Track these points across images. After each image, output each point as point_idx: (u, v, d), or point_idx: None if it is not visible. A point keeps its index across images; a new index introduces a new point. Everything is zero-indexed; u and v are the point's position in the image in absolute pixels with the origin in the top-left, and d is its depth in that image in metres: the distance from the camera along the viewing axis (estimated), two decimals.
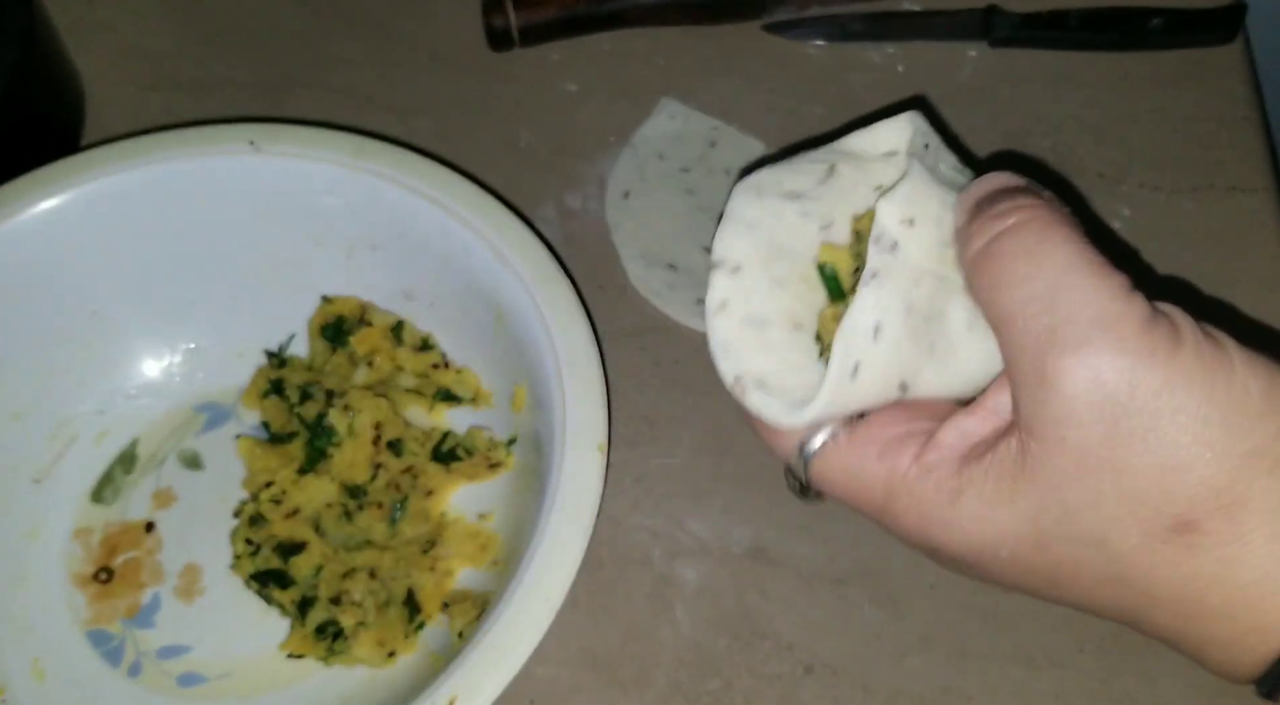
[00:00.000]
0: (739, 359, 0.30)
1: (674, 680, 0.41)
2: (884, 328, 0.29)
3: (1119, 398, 0.25)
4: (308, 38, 0.57)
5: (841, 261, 0.32)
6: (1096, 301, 0.26)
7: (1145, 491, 0.25)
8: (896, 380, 0.29)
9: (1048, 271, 0.26)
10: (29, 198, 0.43)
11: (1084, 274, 0.26)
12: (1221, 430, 0.25)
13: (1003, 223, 0.27)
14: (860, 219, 0.32)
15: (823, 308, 0.31)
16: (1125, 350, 0.25)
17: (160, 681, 0.42)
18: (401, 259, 0.45)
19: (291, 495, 0.43)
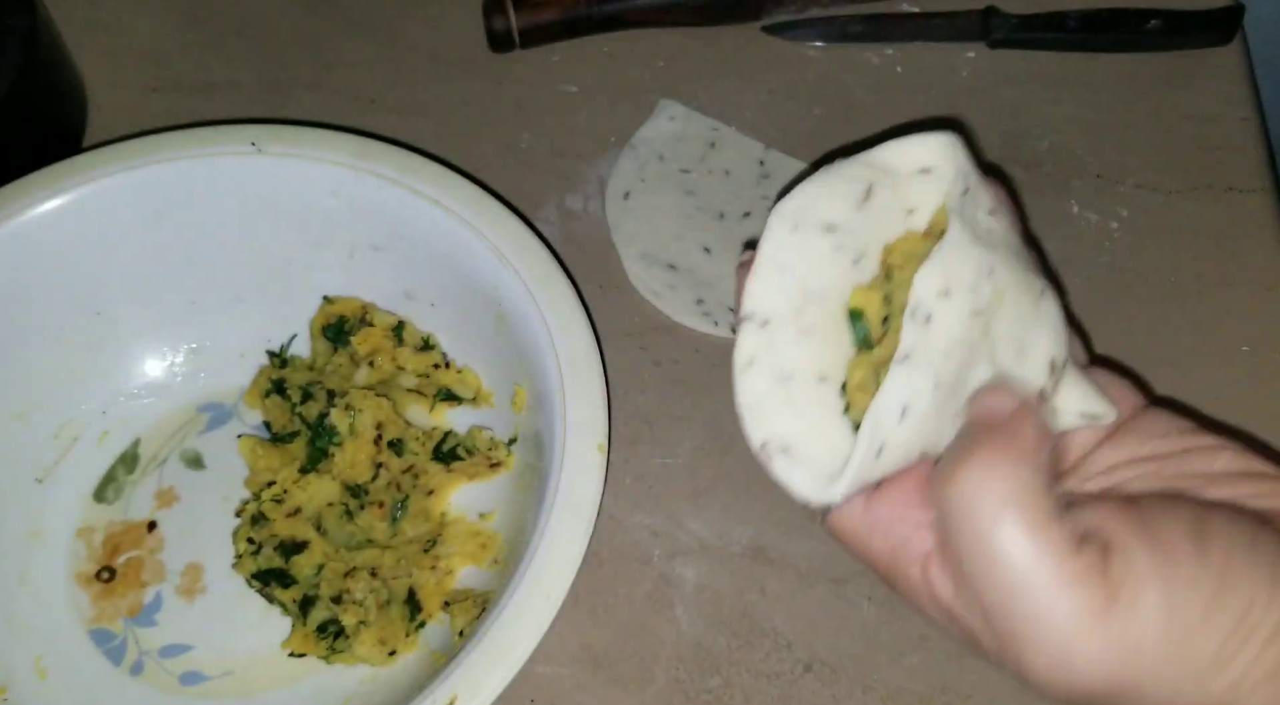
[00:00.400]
0: (766, 421, 0.30)
1: (674, 678, 0.41)
2: (911, 408, 0.29)
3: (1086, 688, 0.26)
4: (310, 39, 0.57)
5: (872, 306, 0.31)
6: (1048, 601, 0.26)
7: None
8: (918, 451, 0.30)
9: (1002, 568, 0.26)
10: (32, 198, 0.43)
11: (1036, 571, 0.26)
12: (1192, 684, 0.25)
13: (979, 479, 0.27)
14: (891, 250, 0.32)
15: (850, 356, 0.31)
16: (1070, 635, 0.26)
17: (162, 680, 0.42)
18: (403, 259, 0.45)
19: (293, 494, 0.43)
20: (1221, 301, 0.49)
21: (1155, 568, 0.26)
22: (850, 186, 0.31)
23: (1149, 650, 0.25)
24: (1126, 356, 0.48)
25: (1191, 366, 0.47)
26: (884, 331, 0.31)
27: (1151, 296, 0.49)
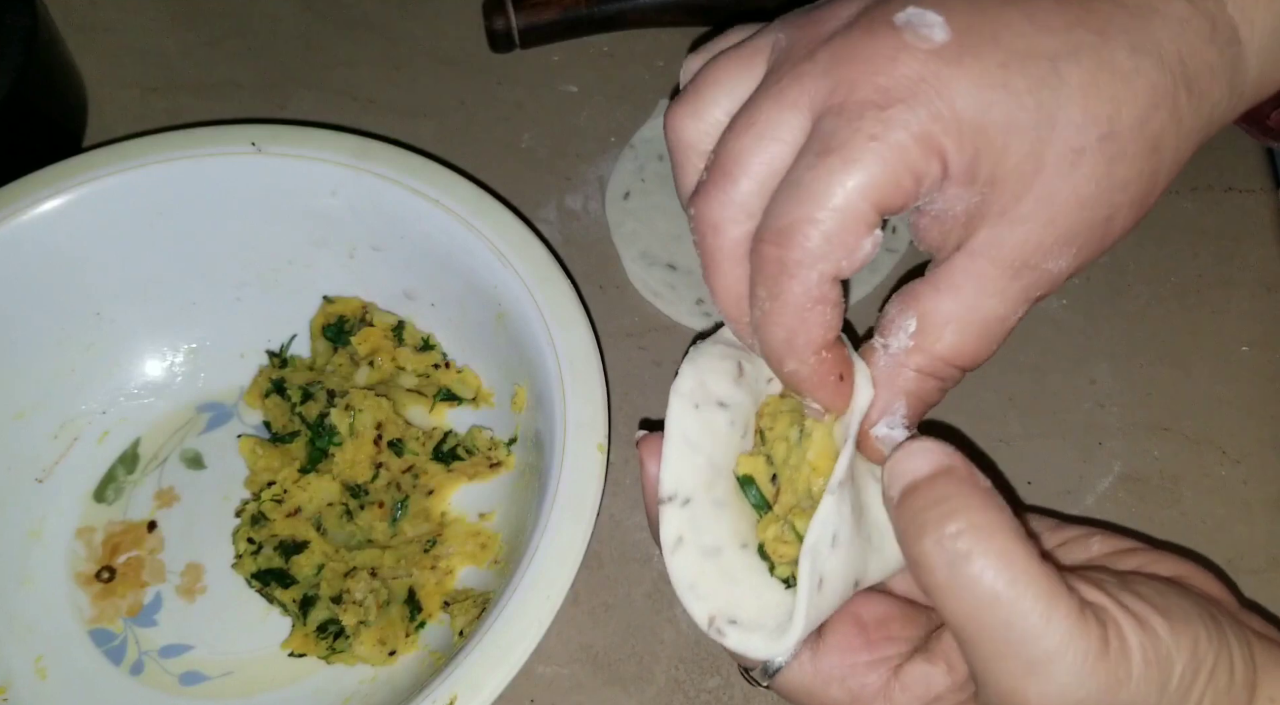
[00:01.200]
0: (706, 598, 0.31)
1: (674, 678, 0.41)
2: (839, 535, 0.30)
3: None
4: (310, 39, 0.57)
5: (758, 469, 0.33)
6: (1041, 621, 0.26)
7: None
8: (852, 580, 0.31)
9: (992, 590, 0.27)
10: (32, 198, 0.43)
11: (1024, 591, 0.27)
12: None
13: (944, 527, 0.27)
14: (760, 413, 0.33)
15: (756, 520, 0.33)
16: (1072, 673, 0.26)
17: (162, 680, 0.42)
18: (403, 259, 0.45)
19: (293, 494, 0.43)
20: (1221, 301, 0.49)
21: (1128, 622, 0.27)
22: (724, 364, 0.33)
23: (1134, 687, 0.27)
24: (1127, 356, 0.48)
25: (1191, 366, 0.47)
26: (775, 488, 0.33)
27: (1151, 296, 0.49)
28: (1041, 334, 0.48)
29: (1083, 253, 0.29)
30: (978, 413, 0.46)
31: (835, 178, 0.27)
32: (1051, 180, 0.28)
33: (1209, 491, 0.45)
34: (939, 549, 0.27)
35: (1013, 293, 0.29)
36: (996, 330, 0.29)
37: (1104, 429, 0.46)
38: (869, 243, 0.28)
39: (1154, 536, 0.44)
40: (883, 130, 0.27)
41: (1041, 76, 0.27)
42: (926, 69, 0.27)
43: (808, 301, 0.29)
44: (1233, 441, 0.46)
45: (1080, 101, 0.28)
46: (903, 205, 0.28)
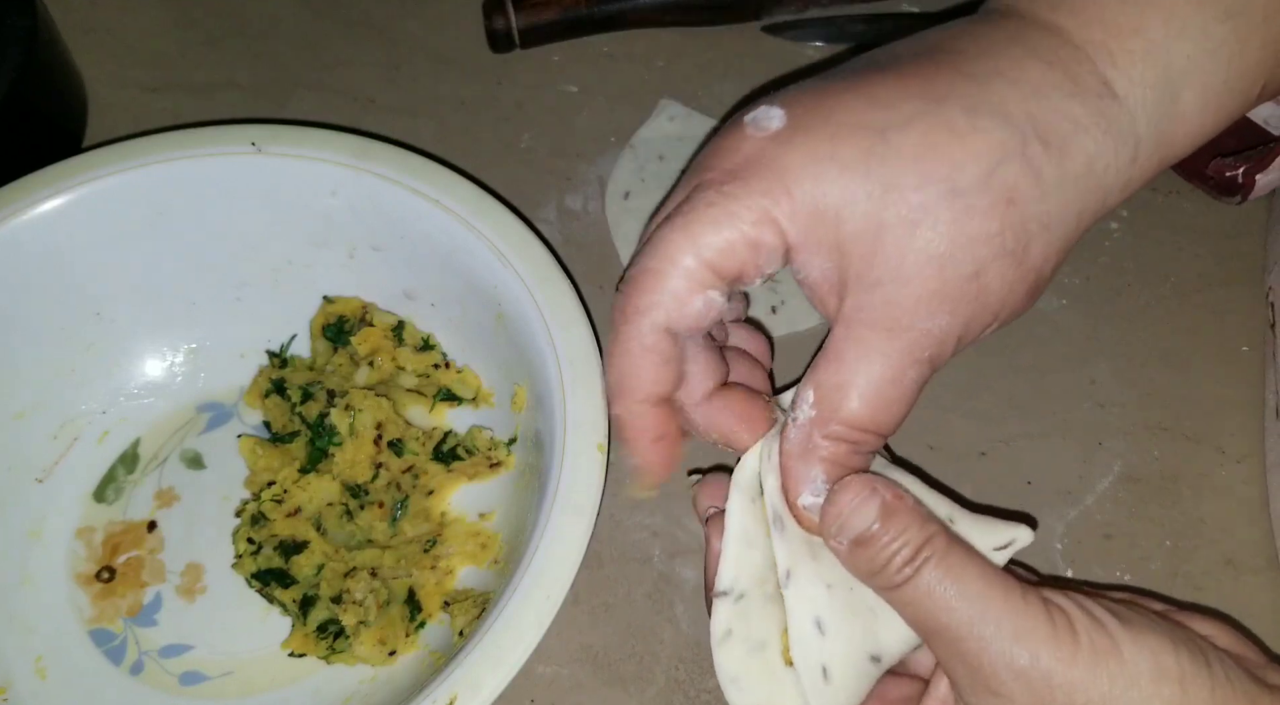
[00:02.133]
0: (747, 691, 0.32)
1: (674, 678, 0.41)
2: (824, 619, 0.31)
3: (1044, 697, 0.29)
4: (309, 39, 0.57)
5: None
6: (1012, 620, 0.29)
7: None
8: (866, 656, 0.31)
9: (964, 602, 0.29)
10: (32, 198, 0.43)
11: (994, 596, 0.29)
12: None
13: (913, 563, 0.30)
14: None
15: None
16: (1039, 658, 0.29)
17: (162, 680, 0.42)
18: (403, 259, 0.45)
19: (293, 494, 0.43)
20: (1221, 301, 0.49)
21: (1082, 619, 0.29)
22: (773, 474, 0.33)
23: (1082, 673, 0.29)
24: (1127, 356, 0.48)
25: (1191, 366, 0.47)
26: None
27: (1151, 296, 0.49)
28: (1041, 334, 0.48)
29: (960, 310, 0.30)
30: (978, 413, 0.46)
31: (672, 236, 0.30)
32: (897, 242, 0.29)
33: (1209, 491, 0.45)
34: (917, 583, 0.29)
35: (895, 355, 0.30)
36: (891, 392, 0.30)
37: (1104, 429, 0.46)
38: (700, 301, 0.30)
39: (1154, 537, 0.44)
40: (719, 199, 0.30)
41: (869, 146, 0.29)
42: (763, 151, 0.30)
43: (638, 348, 0.31)
44: (1233, 441, 0.46)
45: (913, 165, 0.29)
46: (741, 271, 0.30)
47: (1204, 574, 0.43)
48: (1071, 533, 0.44)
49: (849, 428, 0.30)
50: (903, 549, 0.29)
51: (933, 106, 0.29)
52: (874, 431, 0.31)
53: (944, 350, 0.30)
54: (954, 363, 0.47)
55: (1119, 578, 0.43)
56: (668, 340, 0.31)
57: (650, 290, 0.31)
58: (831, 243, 0.30)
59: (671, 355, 0.31)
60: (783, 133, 0.30)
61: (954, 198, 0.29)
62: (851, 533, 0.30)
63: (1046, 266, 0.31)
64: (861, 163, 0.29)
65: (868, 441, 0.31)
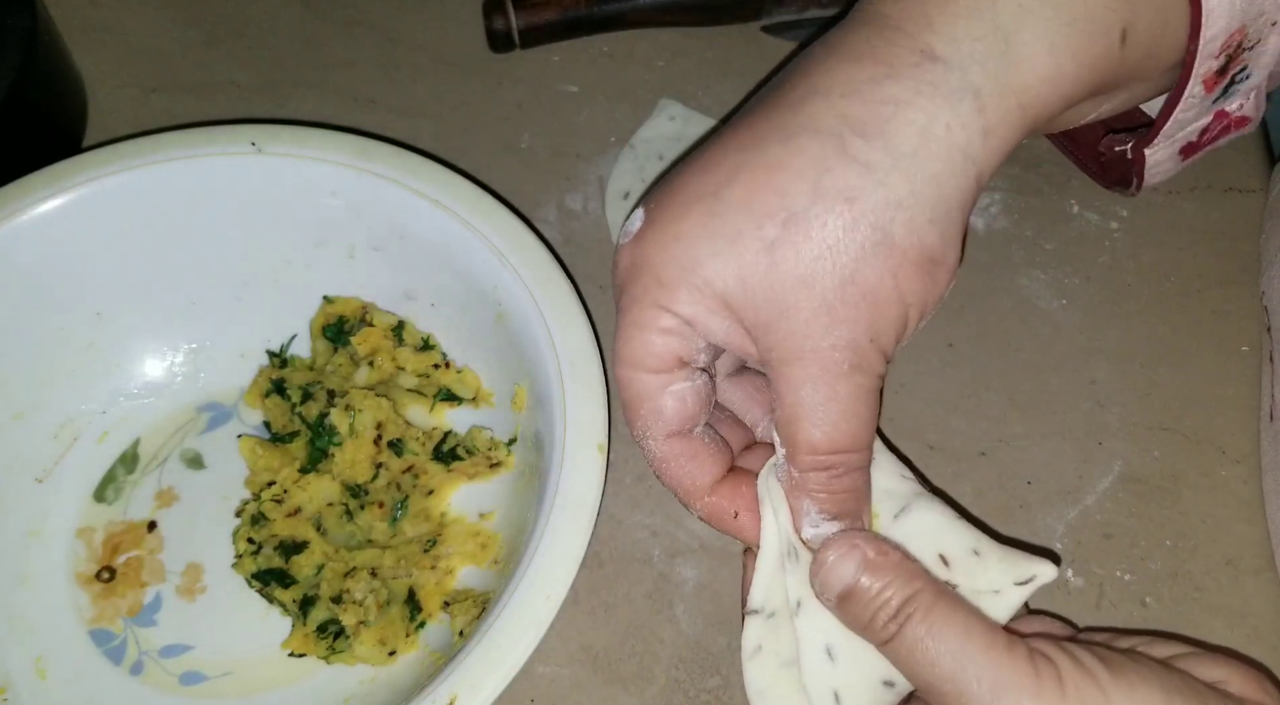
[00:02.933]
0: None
1: (674, 678, 0.41)
2: (834, 646, 0.32)
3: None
4: (309, 39, 0.57)
5: None
6: (993, 673, 0.29)
7: None
8: (879, 684, 0.32)
9: (946, 657, 0.30)
10: (32, 198, 0.43)
11: (976, 650, 0.30)
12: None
13: (896, 619, 0.30)
14: None
15: None
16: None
17: (162, 680, 0.42)
18: (403, 259, 0.45)
19: (293, 494, 0.43)
20: (1221, 301, 0.49)
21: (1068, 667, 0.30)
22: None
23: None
24: (1127, 356, 0.48)
25: (1191, 366, 0.47)
26: None
27: (1151, 296, 0.49)
28: (1041, 334, 0.48)
29: (854, 316, 0.30)
30: (978, 413, 0.46)
31: (618, 370, 0.33)
32: (762, 281, 0.30)
33: (1209, 491, 0.45)
34: (902, 638, 0.30)
35: (815, 379, 0.31)
36: (832, 411, 0.31)
37: (1104, 429, 0.46)
38: (669, 400, 0.33)
39: (1154, 537, 0.44)
40: (622, 316, 0.33)
41: (707, 210, 0.31)
42: (633, 255, 0.32)
43: (661, 461, 0.34)
44: (1233, 441, 0.46)
45: (747, 210, 0.31)
46: (678, 357, 0.32)
47: (1204, 574, 0.43)
48: (1071, 533, 0.44)
49: (812, 455, 0.31)
50: (886, 604, 0.30)
51: (752, 153, 0.31)
52: (838, 451, 0.31)
53: (864, 357, 0.31)
54: (954, 362, 0.47)
55: (1119, 578, 0.43)
56: (679, 443, 0.34)
57: (635, 418, 0.34)
58: (715, 306, 0.31)
59: (694, 449, 0.34)
60: (642, 231, 0.32)
61: (793, 221, 0.30)
62: (834, 588, 0.31)
63: (929, 240, 0.31)
64: (705, 228, 0.31)
65: (840, 461, 0.32)
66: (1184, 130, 0.36)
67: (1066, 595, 0.42)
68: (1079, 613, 0.42)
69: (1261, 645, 0.41)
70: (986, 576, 0.32)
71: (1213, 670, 0.31)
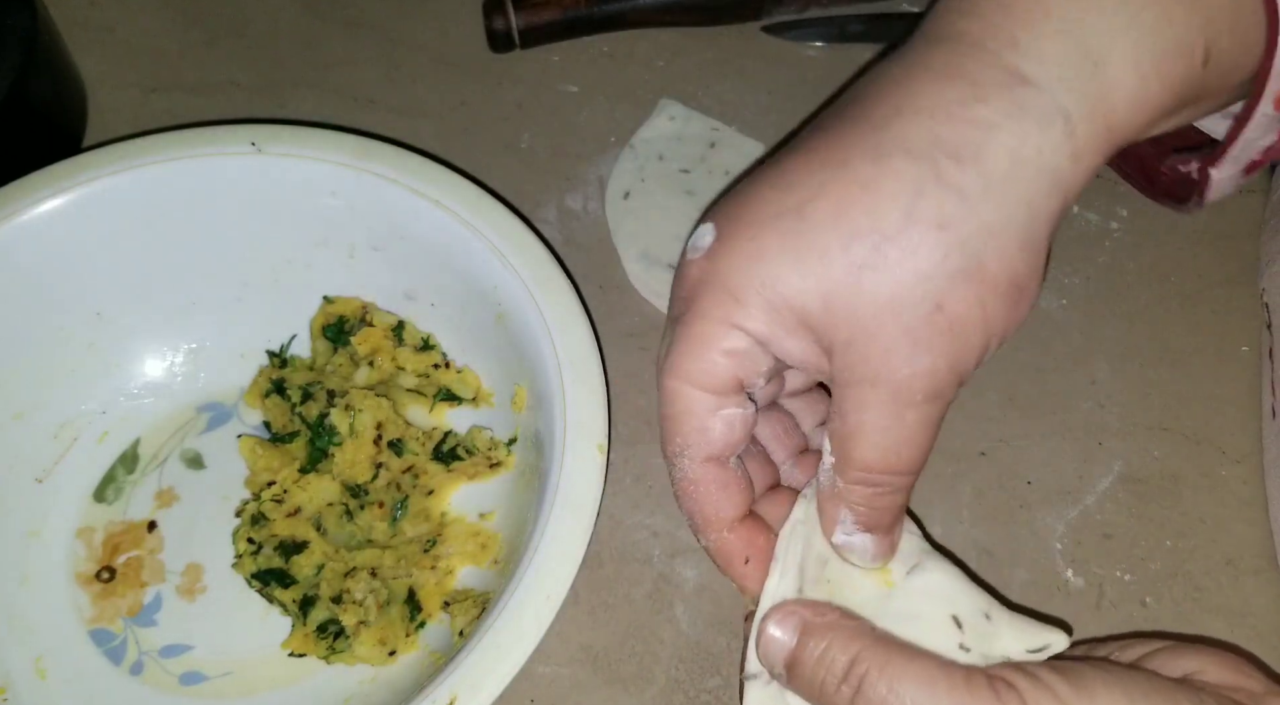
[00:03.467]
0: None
1: (674, 678, 0.41)
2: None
3: None
4: (309, 39, 0.57)
5: None
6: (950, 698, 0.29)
7: None
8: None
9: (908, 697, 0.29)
10: (32, 198, 0.43)
11: (942, 696, 0.29)
12: None
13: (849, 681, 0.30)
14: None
15: None
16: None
17: (162, 680, 0.42)
18: (403, 259, 0.45)
19: (293, 494, 0.43)
20: (1221, 301, 0.49)
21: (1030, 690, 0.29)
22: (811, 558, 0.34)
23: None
24: (1127, 356, 0.48)
25: (1191, 366, 0.47)
26: None
27: (1151, 296, 0.49)
28: (1041, 334, 0.48)
29: (937, 345, 0.30)
30: (978, 413, 0.46)
31: (669, 383, 0.32)
32: (848, 302, 0.30)
33: (1209, 491, 0.45)
34: (865, 699, 0.30)
35: (886, 403, 0.31)
36: (894, 437, 0.31)
37: (1104, 429, 0.46)
38: (719, 424, 0.32)
39: (1154, 537, 0.44)
40: (684, 331, 0.32)
41: (788, 228, 0.30)
42: (704, 272, 0.32)
43: (691, 486, 0.33)
44: (1233, 441, 0.46)
45: (834, 229, 0.30)
46: (738, 381, 0.32)
47: (1204, 574, 0.43)
48: (1071, 533, 0.44)
49: (864, 472, 0.31)
50: (832, 665, 0.30)
51: (838, 169, 0.30)
52: (889, 472, 0.31)
53: (939, 384, 0.30)
54: None
55: (1119, 578, 0.43)
56: (713, 468, 0.33)
57: (675, 434, 0.33)
58: (793, 325, 0.31)
59: (725, 479, 0.33)
60: (714, 248, 0.32)
61: (884, 245, 0.30)
62: (779, 659, 0.31)
63: (1018, 267, 0.30)
64: (787, 245, 0.30)
65: (888, 482, 0.32)
66: (1249, 149, 0.36)
67: (1066, 596, 0.42)
68: (1079, 613, 0.42)
69: (1262, 645, 0.41)
70: (1000, 643, 0.32)
71: (1187, 662, 0.31)
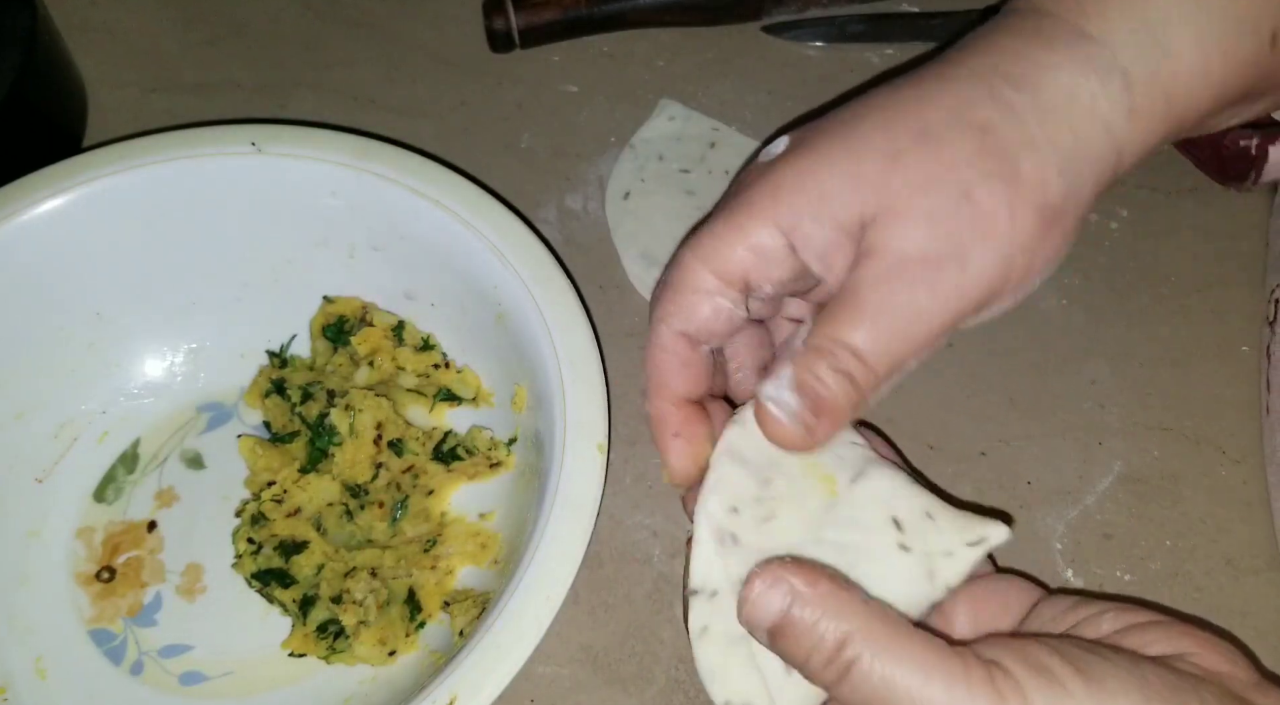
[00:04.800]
0: (726, 684, 0.32)
1: (674, 678, 0.41)
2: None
3: None
4: (309, 39, 0.57)
5: None
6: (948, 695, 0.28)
7: None
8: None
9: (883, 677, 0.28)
10: (32, 198, 0.43)
11: (937, 692, 0.28)
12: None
13: (835, 663, 0.29)
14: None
15: None
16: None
17: (162, 680, 0.42)
18: (403, 259, 0.45)
19: (293, 494, 0.43)
20: (1221, 301, 0.49)
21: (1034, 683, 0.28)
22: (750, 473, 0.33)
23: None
24: (1127, 356, 0.48)
25: (1191, 366, 0.47)
26: None
27: (1151, 296, 0.49)
28: (1041, 334, 0.48)
29: (958, 233, 0.30)
30: (978, 413, 0.46)
31: (682, 253, 0.33)
32: (878, 182, 0.31)
33: (1209, 491, 0.45)
34: (851, 683, 0.28)
35: (893, 279, 0.31)
36: (888, 320, 0.31)
37: (1104, 429, 0.46)
38: (707, 307, 0.33)
39: (1154, 537, 0.44)
40: (722, 216, 0.33)
41: (844, 131, 0.32)
42: (764, 172, 0.33)
43: (658, 351, 0.34)
44: (1233, 441, 0.46)
45: (884, 129, 0.32)
46: (747, 276, 0.32)
47: (1204, 574, 0.43)
48: (1071, 533, 0.44)
49: (832, 341, 0.31)
50: (820, 642, 0.28)
51: (905, 91, 0.33)
52: (858, 354, 0.31)
53: (948, 281, 0.30)
54: (954, 362, 0.47)
55: (1119, 578, 0.43)
56: (684, 344, 0.33)
57: (665, 302, 0.33)
58: (824, 213, 0.31)
59: (690, 358, 0.34)
60: (783, 155, 0.33)
61: (926, 137, 0.31)
62: (762, 623, 0.29)
63: (1053, 187, 0.31)
64: (838, 140, 0.32)
65: (851, 366, 0.31)
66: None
67: None
68: None
69: (1262, 645, 0.41)
70: (939, 539, 0.32)
71: (1179, 642, 0.31)
